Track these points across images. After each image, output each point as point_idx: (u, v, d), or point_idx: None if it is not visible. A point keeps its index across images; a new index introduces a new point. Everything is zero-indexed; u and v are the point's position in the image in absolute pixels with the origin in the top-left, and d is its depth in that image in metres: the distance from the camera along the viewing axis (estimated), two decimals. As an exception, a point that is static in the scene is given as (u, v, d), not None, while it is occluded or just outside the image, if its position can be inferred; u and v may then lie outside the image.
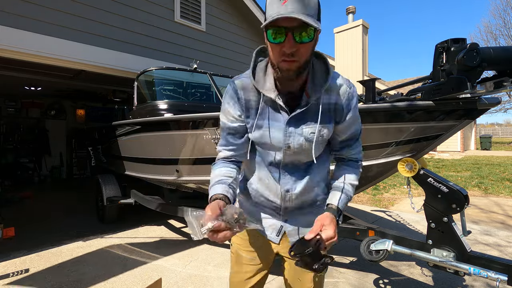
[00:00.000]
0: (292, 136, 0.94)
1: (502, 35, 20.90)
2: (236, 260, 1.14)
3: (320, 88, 0.91)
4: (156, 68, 3.63)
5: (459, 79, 1.47)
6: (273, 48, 0.83)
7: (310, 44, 0.81)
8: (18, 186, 7.10)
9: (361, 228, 2.34)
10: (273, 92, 0.91)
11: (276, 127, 0.94)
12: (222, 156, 1.03)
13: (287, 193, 1.00)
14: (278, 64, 0.84)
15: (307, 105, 0.90)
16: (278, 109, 0.93)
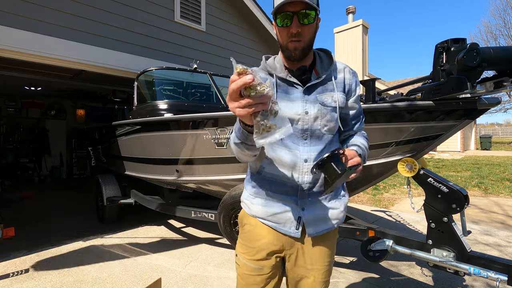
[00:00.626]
0: (309, 103, 1.01)
1: (502, 35, 20.90)
2: (243, 273, 1.09)
3: (328, 67, 1.06)
4: (156, 68, 3.63)
5: (459, 79, 1.48)
6: (281, 31, 0.98)
7: (312, 26, 0.96)
8: (18, 186, 7.10)
9: (361, 228, 2.34)
10: (283, 72, 1.04)
11: (293, 98, 1.02)
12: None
13: (305, 163, 1.01)
14: (286, 45, 0.98)
15: (319, 79, 1.02)
16: (292, 85, 1.03)
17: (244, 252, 1.08)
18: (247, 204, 1.11)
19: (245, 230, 1.11)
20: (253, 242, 1.07)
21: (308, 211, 1.03)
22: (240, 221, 1.15)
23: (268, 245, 1.05)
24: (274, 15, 0.96)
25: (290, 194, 1.03)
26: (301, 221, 1.03)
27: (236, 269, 1.12)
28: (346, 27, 9.52)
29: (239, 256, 1.10)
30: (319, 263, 1.07)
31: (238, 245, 1.13)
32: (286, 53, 1.01)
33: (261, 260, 1.05)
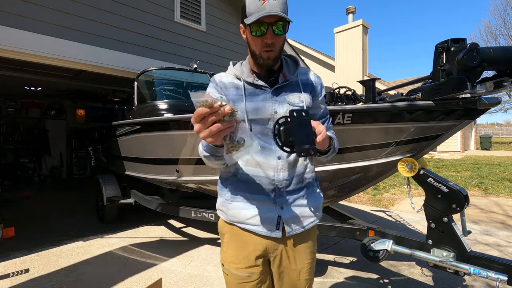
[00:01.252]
0: (277, 103, 1.06)
1: (502, 35, 20.89)
2: (232, 282, 1.08)
3: (294, 71, 1.12)
4: (156, 68, 3.63)
5: (459, 79, 1.47)
6: (256, 41, 1.01)
7: (283, 36, 1.02)
8: (18, 186, 7.09)
9: (361, 228, 2.34)
10: (251, 77, 1.08)
11: (262, 99, 1.06)
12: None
13: (278, 160, 1.04)
14: (260, 54, 1.02)
15: (287, 81, 1.08)
16: (260, 88, 1.07)
17: (230, 262, 1.08)
18: (224, 210, 1.10)
19: (227, 240, 1.11)
20: (237, 250, 1.07)
21: (287, 209, 1.04)
22: (220, 230, 1.15)
23: (253, 251, 1.05)
24: (248, 24, 0.97)
25: (267, 194, 1.04)
26: (281, 220, 1.03)
27: (225, 279, 1.12)
28: (346, 27, 9.51)
29: (226, 265, 1.09)
30: (303, 262, 1.09)
31: (222, 255, 1.12)
32: (259, 61, 1.04)
33: (249, 268, 1.05)
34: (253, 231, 1.04)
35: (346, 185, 2.32)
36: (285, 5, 0.97)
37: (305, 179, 1.10)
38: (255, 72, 1.10)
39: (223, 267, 1.11)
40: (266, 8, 0.94)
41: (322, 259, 2.92)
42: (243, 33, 1.07)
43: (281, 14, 0.94)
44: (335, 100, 2.36)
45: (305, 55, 12.64)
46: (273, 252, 1.07)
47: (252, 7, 0.96)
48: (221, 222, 1.14)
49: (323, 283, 2.46)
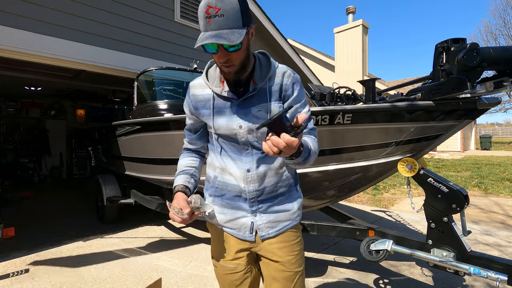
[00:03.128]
0: (243, 116, 1.03)
1: (502, 35, 20.88)
2: (220, 273, 1.15)
3: (265, 76, 1.03)
4: (156, 68, 3.63)
5: (459, 79, 1.48)
6: (213, 56, 0.97)
7: (240, 50, 0.92)
8: (18, 186, 7.10)
9: (361, 228, 2.34)
10: (219, 88, 1.05)
11: (228, 112, 1.05)
12: (184, 147, 1.27)
13: (248, 173, 1.06)
14: (221, 68, 0.99)
15: (255, 91, 1.03)
16: (227, 100, 1.05)
17: (218, 254, 1.15)
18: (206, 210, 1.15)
19: (213, 234, 1.19)
20: (222, 244, 1.14)
21: (260, 216, 1.08)
22: (208, 225, 1.23)
23: (235, 245, 1.11)
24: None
25: (241, 202, 1.08)
26: (253, 226, 1.08)
27: (214, 271, 1.19)
28: (346, 27, 9.52)
29: (214, 258, 1.17)
30: (285, 255, 1.09)
31: (211, 248, 1.20)
32: (223, 74, 1.02)
33: (234, 260, 1.11)
34: (229, 233, 1.11)
35: (346, 185, 2.32)
36: (235, 15, 0.85)
37: (280, 188, 1.09)
38: (226, 80, 1.04)
39: (212, 259, 1.19)
40: (211, 27, 0.85)
41: (322, 259, 2.92)
42: None
43: (224, 39, 0.83)
44: (335, 100, 2.36)
45: (305, 55, 12.64)
46: (256, 247, 1.12)
47: (201, 23, 0.87)
48: None
49: (323, 283, 2.46)
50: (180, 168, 1.16)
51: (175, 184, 1.09)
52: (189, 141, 1.25)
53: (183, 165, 1.17)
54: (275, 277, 1.11)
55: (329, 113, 1.99)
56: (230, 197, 1.09)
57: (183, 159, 1.20)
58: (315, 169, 2.21)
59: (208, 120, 1.09)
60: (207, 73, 1.11)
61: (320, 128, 2.06)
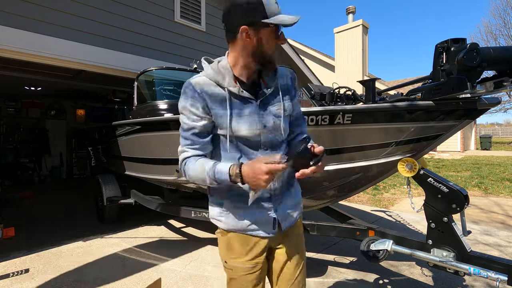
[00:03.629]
0: (265, 116, 1.06)
1: (502, 35, 20.88)
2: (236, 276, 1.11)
3: (273, 76, 1.10)
4: (156, 68, 3.63)
5: (459, 79, 1.48)
6: (271, 42, 1.01)
7: None
8: (18, 186, 7.09)
9: (361, 228, 2.34)
10: (235, 87, 1.03)
11: (248, 113, 1.04)
12: (189, 155, 1.05)
13: None
14: (270, 57, 1.02)
15: (270, 90, 1.07)
16: (244, 100, 1.04)
17: (234, 257, 1.11)
18: (221, 220, 1.12)
19: (229, 239, 1.12)
20: (241, 245, 1.10)
21: (280, 210, 1.11)
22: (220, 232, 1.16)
23: (257, 245, 1.11)
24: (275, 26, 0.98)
25: (264, 200, 1.09)
26: (276, 221, 1.10)
27: (228, 274, 1.14)
28: (346, 27, 9.52)
29: (229, 261, 1.12)
30: (297, 245, 1.19)
31: (224, 252, 1.14)
32: (266, 66, 1.03)
33: (253, 259, 1.10)
34: (251, 234, 1.10)
35: (346, 185, 2.32)
36: None
37: (291, 180, 1.17)
38: (238, 80, 1.04)
39: (226, 264, 1.13)
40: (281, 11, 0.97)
41: (322, 259, 2.92)
42: (248, 37, 0.97)
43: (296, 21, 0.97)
44: (335, 100, 2.36)
45: (305, 55, 12.64)
46: (274, 244, 1.16)
47: (272, 8, 0.95)
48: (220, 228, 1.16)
49: (323, 283, 2.46)
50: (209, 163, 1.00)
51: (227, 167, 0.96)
52: (199, 146, 1.05)
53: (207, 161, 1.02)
54: (287, 267, 1.16)
55: (329, 113, 1.99)
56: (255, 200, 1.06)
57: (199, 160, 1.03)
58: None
59: (223, 121, 1.02)
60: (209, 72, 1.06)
61: (320, 128, 2.06)
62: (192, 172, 1.02)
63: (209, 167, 0.98)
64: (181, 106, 1.06)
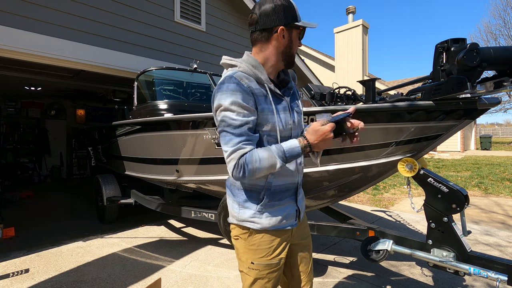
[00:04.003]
0: (293, 112, 1.15)
1: (502, 35, 20.90)
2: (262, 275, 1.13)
3: (288, 75, 1.21)
4: (156, 68, 3.63)
5: (459, 79, 1.48)
6: (296, 43, 1.13)
7: None
8: (18, 186, 7.10)
9: (361, 228, 2.33)
10: (270, 84, 1.10)
11: (284, 109, 1.12)
12: (247, 150, 0.99)
13: (299, 166, 1.19)
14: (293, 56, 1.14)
15: (291, 88, 1.19)
16: (278, 97, 1.12)
17: (261, 256, 1.12)
18: (255, 221, 1.11)
19: (258, 238, 1.13)
20: (268, 243, 1.13)
21: (299, 201, 1.22)
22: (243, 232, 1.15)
23: (283, 241, 1.16)
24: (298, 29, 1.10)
25: (291, 195, 1.17)
26: (298, 212, 1.20)
27: (254, 276, 1.14)
28: (346, 27, 9.52)
29: (256, 262, 1.12)
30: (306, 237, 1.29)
31: (249, 254, 1.13)
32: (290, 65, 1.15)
33: (278, 255, 1.14)
34: (278, 228, 1.13)
35: (346, 185, 2.32)
36: None
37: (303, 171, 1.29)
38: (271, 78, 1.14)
39: (252, 265, 1.13)
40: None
41: (322, 259, 2.92)
42: (282, 36, 1.07)
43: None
44: (335, 100, 2.36)
45: (305, 55, 12.64)
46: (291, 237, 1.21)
47: (296, 13, 1.09)
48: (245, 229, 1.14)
49: (323, 283, 2.46)
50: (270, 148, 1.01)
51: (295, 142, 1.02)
52: (253, 142, 1.02)
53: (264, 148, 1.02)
54: (303, 256, 1.25)
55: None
56: (283, 196, 1.14)
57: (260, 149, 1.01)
58: (315, 169, 2.21)
59: (268, 117, 1.05)
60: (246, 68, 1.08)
61: (320, 128, 2.06)
62: (259, 163, 0.98)
63: (276, 150, 1.00)
64: (229, 101, 0.99)
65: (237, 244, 1.17)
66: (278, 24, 1.06)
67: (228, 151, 1.00)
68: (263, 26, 1.07)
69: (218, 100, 1.01)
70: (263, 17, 1.07)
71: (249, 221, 1.11)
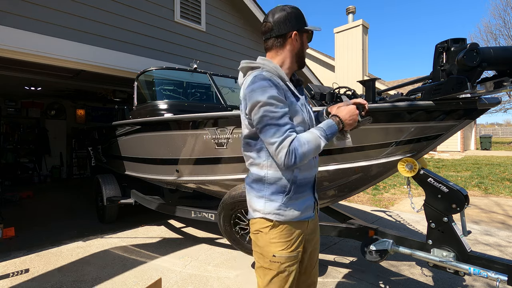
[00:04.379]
0: (309, 109, 1.28)
1: (502, 35, 20.90)
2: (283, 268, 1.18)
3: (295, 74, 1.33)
4: (156, 68, 3.63)
5: (459, 79, 1.47)
6: (306, 46, 1.27)
7: None
8: (18, 186, 7.10)
9: (361, 228, 2.33)
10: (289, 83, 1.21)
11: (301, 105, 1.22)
12: (294, 135, 1.08)
13: (315, 159, 1.28)
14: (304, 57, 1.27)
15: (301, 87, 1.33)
16: (295, 94, 1.22)
17: (282, 249, 1.17)
18: (280, 213, 1.17)
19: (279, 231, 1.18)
20: (288, 236, 1.18)
21: (315, 194, 1.30)
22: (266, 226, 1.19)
23: (300, 233, 1.22)
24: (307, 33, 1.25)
25: (310, 188, 1.26)
26: (315, 204, 1.29)
27: (276, 269, 1.18)
28: (346, 27, 9.51)
29: (278, 254, 1.17)
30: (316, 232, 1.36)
31: (271, 247, 1.18)
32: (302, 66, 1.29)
33: (297, 248, 1.20)
34: (299, 220, 1.20)
35: (346, 185, 2.32)
36: None
37: None
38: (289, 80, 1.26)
39: (274, 257, 1.17)
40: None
41: (322, 259, 2.92)
42: (296, 41, 1.21)
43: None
44: (335, 100, 2.36)
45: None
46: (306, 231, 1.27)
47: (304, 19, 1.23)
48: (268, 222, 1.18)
49: (323, 283, 2.46)
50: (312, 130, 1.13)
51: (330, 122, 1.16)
52: (295, 130, 1.12)
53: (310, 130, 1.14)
54: (313, 250, 1.33)
55: (329, 113, 1.99)
56: (305, 188, 1.22)
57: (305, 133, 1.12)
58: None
59: (298, 109, 1.18)
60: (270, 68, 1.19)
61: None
62: (307, 146, 1.07)
63: (318, 131, 1.11)
64: (267, 96, 1.07)
65: (258, 239, 1.21)
66: (291, 30, 1.19)
67: (277, 141, 1.05)
68: (278, 32, 1.19)
69: (255, 98, 1.08)
70: (277, 24, 1.19)
71: (275, 213, 1.17)
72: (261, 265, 1.20)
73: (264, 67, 1.17)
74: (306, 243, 1.29)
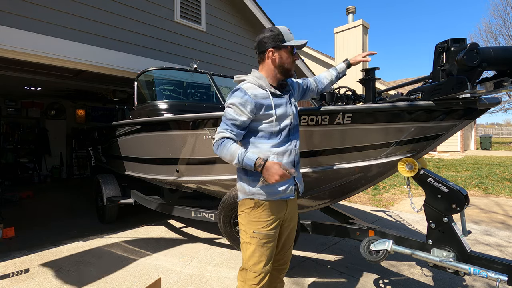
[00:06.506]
0: (291, 105, 1.57)
1: (502, 35, 20.92)
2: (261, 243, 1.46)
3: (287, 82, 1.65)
4: (156, 68, 3.62)
5: (459, 79, 1.47)
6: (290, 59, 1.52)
7: None
8: (18, 186, 7.10)
9: (361, 228, 2.33)
10: (272, 88, 1.52)
11: (283, 104, 1.52)
12: (226, 135, 1.41)
13: (295, 147, 1.54)
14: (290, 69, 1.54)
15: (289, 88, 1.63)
16: (278, 96, 1.53)
17: (262, 227, 1.46)
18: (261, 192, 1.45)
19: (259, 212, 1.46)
20: (267, 217, 1.47)
21: (297, 178, 1.57)
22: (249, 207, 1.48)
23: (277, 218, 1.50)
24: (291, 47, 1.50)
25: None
26: (296, 185, 1.55)
27: (255, 243, 1.45)
28: (346, 27, 9.51)
29: (257, 231, 1.45)
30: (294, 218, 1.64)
31: (251, 225, 1.46)
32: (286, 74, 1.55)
33: (275, 227, 1.49)
34: (283, 198, 1.49)
35: (346, 185, 2.32)
36: None
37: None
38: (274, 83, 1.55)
39: (253, 233, 1.46)
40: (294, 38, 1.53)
41: (322, 259, 2.92)
42: (271, 55, 1.49)
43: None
44: (335, 100, 2.36)
45: (305, 55, 12.64)
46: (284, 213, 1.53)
47: (287, 36, 1.49)
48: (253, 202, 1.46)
49: (323, 283, 2.46)
50: (241, 149, 1.37)
51: (255, 157, 1.35)
52: (236, 134, 1.44)
53: (241, 148, 1.39)
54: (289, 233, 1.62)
55: (329, 113, 1.99)
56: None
57: (234, 144, 1.40)
58: (315, 169, 2.21)
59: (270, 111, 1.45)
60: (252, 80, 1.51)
61: (320, 128, 2.06)
62: (226, 150, 1.38)
63: (241, 152, 1.35)
64: (231, 101, 1.44)
65: (242, 219, 1.51)
66: (267, 48, 1.49)
67: (218, 131, 1.45)
68: (259, 50, 1.55)
69: (227, 100, 1.47)
70: (258, 44, 1.55)
71: (257, 193, 1.45)
72: (244, 240, 1.49)
73: (248, 79, 1.51)
74: (285, 222, 1.57)
